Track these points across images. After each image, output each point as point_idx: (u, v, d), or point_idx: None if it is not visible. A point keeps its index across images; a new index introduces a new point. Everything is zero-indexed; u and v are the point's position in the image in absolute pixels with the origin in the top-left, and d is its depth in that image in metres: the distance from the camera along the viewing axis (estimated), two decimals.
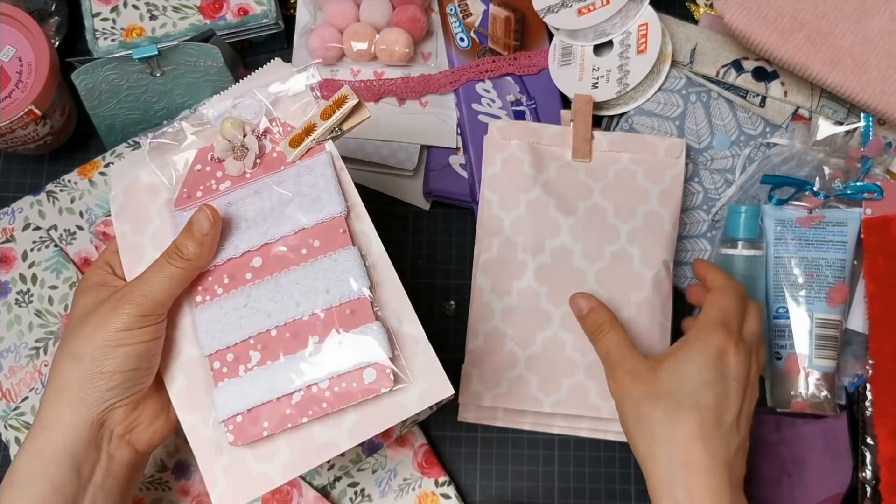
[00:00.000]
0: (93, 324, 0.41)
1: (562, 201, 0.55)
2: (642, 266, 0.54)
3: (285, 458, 0.41)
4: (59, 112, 0.58)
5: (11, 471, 0.41)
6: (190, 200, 0.45)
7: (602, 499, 0.57)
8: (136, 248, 0.45)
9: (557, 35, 0.62)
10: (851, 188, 0.56)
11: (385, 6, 0.61)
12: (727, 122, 0.60)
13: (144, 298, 0.41)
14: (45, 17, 0.62)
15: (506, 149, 0.56)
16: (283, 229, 0.43)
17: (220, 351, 0.42)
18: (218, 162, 0.45)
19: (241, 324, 0.42)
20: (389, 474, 0.55)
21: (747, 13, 0.56)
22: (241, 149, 0.44)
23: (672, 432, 0.44)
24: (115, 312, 0.41)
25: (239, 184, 0.44)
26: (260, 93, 0.44)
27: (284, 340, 0.41)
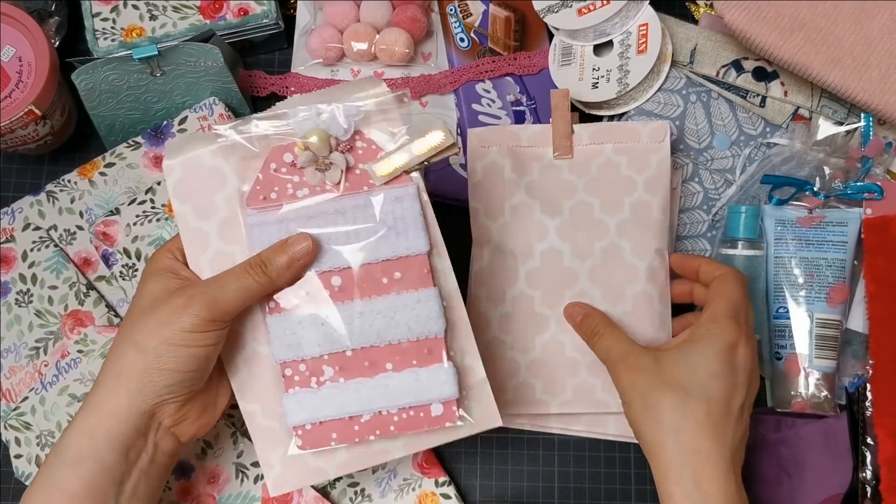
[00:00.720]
0: (160, 317, 0.41)
1: (546, 203, 0.54)
2: (634, 257, 0.54)
3: (341, 457, 0.44)
4: (59, 112, 0.58)
5: (60, 447, 0.42)
6: (266, 202, 0.43)
7: (602, 499, 0.57)
8: (200, 235, 0.44)
9: (557, 35, 0.62)
10: (851, 188, 0.56)
11: (385, 6, 0.61)
12: (727, 122, 0.60)
13: (216, 304, 0.41)
14: (45, 17, 0.62)
15: (485, 156, 0.55)
16: (367, 256, 0.43)
17: (294, 361, 0.43)
18: (296, 168, 0.43)
19: (319, 341, 0.43)
20: (389, 474, 0.55)
21: (747, 13, 0.56)
22: (325, 162, 0.43)
23: (681, 420, 0.44)
24: (185, 312, 0.41)
25: (318, 194, 0.43)
26: (349, 106, 0.42)
27: (360, 364, 0.43)
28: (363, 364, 0.43)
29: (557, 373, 0.53)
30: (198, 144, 0.44)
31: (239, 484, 0.53)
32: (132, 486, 0.42)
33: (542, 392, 0.53)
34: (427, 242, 0.43)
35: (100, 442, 0.41)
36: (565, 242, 0.54)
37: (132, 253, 0.55)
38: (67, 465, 0.41)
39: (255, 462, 0.53)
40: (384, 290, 0.43)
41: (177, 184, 0.44)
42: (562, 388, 0.53)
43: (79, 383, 0.53)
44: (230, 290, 0.42)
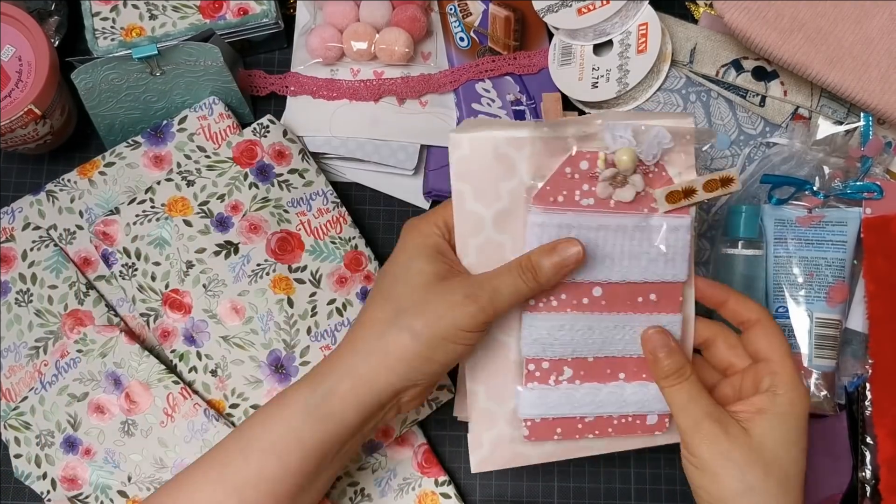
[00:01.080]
0: (437, 310, 0.41)
1: None
2: None
3: (549, 448, 0.47)
4: (59, 112, 0.58)
5: (311, 404, 0.43)
6: (552, 204, 0.44)
7: (602, 499, 0.57)
8: (474, 218, 0.44)
9: (557, 35, 0.62)
10: (851, 188, 0.56)
11: (385, 6, 0.61)
12: (727, 121, 0.60)
13: (491, 307, 0.42)
14: (44, 17, 0.62)
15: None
16: (634, 275, 0.45)
17: (539, 359, 0.46)
18: (589, 176, 0.44)
19: (568, 344, 0.45)
20: (389, 474, 0.55)
21: (747, 13, 0.56)
22: (622, 179, 0.44)
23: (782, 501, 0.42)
24: (462, 310, 0.41)
25: (601, 208, 0.44)
26: (663, 134, 0.43)
27: (599, 370, 0.46)
28: (603, 371, 0.46)
29: None
30: (494, 127, 0.44)
31: None
32: (349, 447, 0.45)
33: None
34: (687, 273, 0.46)
35: (349, 406, 0.42)
36: None
37: (132, 252, 0.55)
38: (314, 421, 0.42)
39: None
40: (639, 308, 0.46)
41: (460, 160, 0.44)
42: None
43: (78, 383, 0.53)
44: (504, 294, 0.42)
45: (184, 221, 0.55)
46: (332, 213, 0.58)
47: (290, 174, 0.58)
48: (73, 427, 0.53)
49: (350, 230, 0.58)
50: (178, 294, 0.55)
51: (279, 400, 0.44)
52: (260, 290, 0.55)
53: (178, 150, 0.58)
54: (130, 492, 0.52)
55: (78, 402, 0.53)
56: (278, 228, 0.56)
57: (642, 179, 0.44)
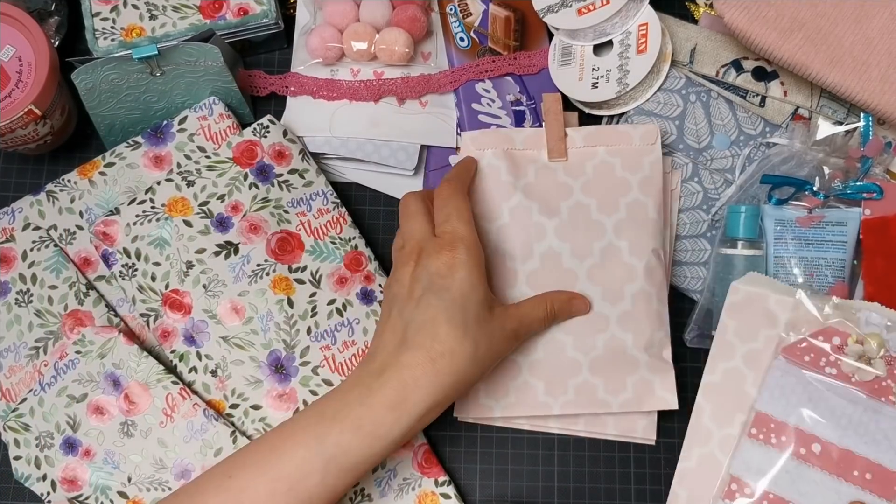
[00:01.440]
0: (499, 347, 0.48)
1: (544, 204, 0.54)
2: (632, 257, 0.54)
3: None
4: (59, 112, 0.58)
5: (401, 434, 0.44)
6: (797, 359, 0.51)
7: (602, 499, 0.57)
8: (729, 349, 0.52)
9: (557, 35, 0.62)
10: (851, 188, 0.56)
11: (385, 6, 0.61)
12: (727, 121, 0.60)
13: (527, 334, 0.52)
14: (44, 17, 0.62)
15: (481, 159, 0.55)
16: (855, 447, 0.49)
17: (745, 482, 0.50)
18: (837, 348, 0.51)
19: (773, 481, 0.50)
20: (389, 474, 0.55)
21: (747, 13, 0.56)
22: (867, 360, 0.50)
23: None
24: (510, 344, 0.49)
25: (841, 380, 0.50)
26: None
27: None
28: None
29: (559, 373, 0.54)
30: (770, 288, 0.53)
31: None
32: None
33: (544, 394, 0.54)
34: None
35: (418, 429, 0.45)
36: (564, 243, 0.54)
37: (132, 253, 0.55)
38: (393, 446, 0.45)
39: None
40: (851, 479, 0.49)
41: (733, 304, 0.53)
42: (563, 388, 0.54)
43: (77, 384, 0.53)
44: (532, 331, 0.52)
45: (184, 222, 0.55)
46: (332, 214, 0.58)
47: (290, 174, 0.58)
48: (73, 428, 0.53)
49: (350, 230, 0.58)
50: (178, 294, 0.55)
51: (359, 420, 0.44)
52: (260, 290, 0.55)
53: (178, 151, 0.58)
54: (130, 492, 0.52)
55: (77, 404, 0.53)
56: (278, 229, 0.56)
57: (885, 368, 0.50)
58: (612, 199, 0.55)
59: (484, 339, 0.46)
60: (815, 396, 0.50)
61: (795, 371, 0.51)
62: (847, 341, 0.50)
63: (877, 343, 0.50)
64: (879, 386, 0.50)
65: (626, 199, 0.55)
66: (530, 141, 0.56)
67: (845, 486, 0.49)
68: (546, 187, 0.55)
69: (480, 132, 0.55)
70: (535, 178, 0.55)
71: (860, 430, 0.49)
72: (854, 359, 0.50)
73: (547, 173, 0.55)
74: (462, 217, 0.49)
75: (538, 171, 0.55)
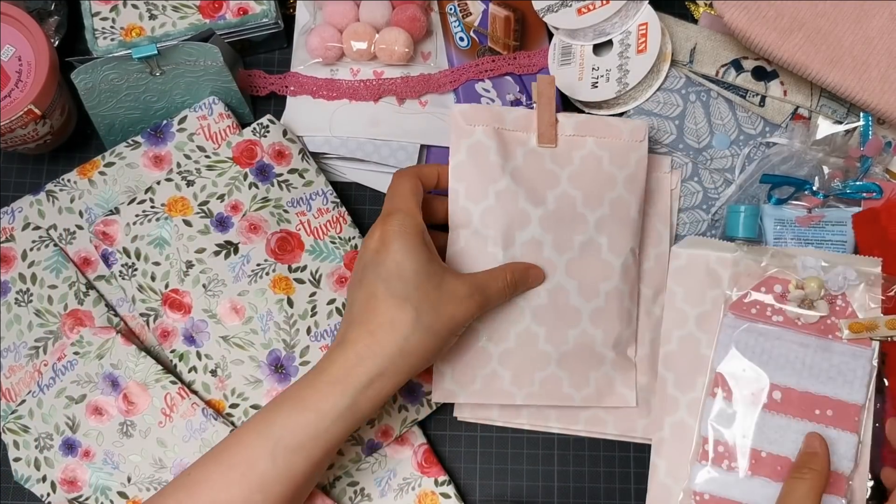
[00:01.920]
0: (450, 310, 0.47)
1: (531, 191, 0.53)
2: (610, 254, 0.54)
3: None
4: (59, 111, 0.58)
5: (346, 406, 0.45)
6: (745, 313, 0.54)
7: (602, 499, 0.57)
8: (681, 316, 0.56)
9: (557, 34, 0.62)
10: (851, 187, 0.56)
11: (385, 6, 0.61)
12: (727, 121, 0.60)
13: (483, 308, 0.49)
14: (44, 17, 0.62)
15: (471, 135, 0.52)
16: (813, 387, 0.52)
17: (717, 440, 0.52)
18: (780, 296, 0.53)
19: (743, 433, 0.52)
20: (389, 474, 0.55)
21: (747, 12, 0.56)
22: (809, 303, 0.53)
23: None
24: (468, 308, 0.47)
25: (789, 325, 0.53)
26: (849, 272, 0.52)
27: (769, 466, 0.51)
28: (773, 468, 0.51)
29: (527, 364, 0.53)
30: (709, 248, 0.55)
31: None
32: None
33: (509, 384, 0.53)
34: (865, 398, 0.52)
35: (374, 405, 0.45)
36: (547, 234, 0.53)
37: (132, 252, 0.55)
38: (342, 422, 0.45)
39: None
40: (814, 419, 0.52)
41: (677, 269, 0.56)
42: (530, 380, 0.53)
43: (76, 385, 0.53)
44: (494, 301, 0.50)
45: (184, 221, 0.55)
46: (331, 213, 0.58)
47: (289, 174, 0.57)
48: (72, 429, 0.53)
49: (350, 230, 0.58)
50: (177, 294, 0.54)
51: (303, 401, 0.45)
52: (260, 290, 0.55)
53: (177, 150, 0.58)
54: (130, 493, 0.52)
55: (76, 405, 0.53)
56: (278, 228, 0.56)
57: (828, 307, 0.53)
58: (597, 193, 0.54)
59: (428, 306, 0.46)
60: (768, 346, 0.53)
61: (745, 325, 0.53)
62: (788, 288, 0.53)
63: (816, 285, 0.52)
64: (825, 325, 0.53)
65: (611, 195, 0.54)
66: (520, 122, 0.54)
67: (810, 426, 0.51)
68: (534, 173, 0.53)
69: (470, 106, 0.53)
70: (523, 162, 0.53)
71: (815, 371, 0.52)
72: (797, 304, 0.53)
73: (535, 158, 0.53)
74: (399, 192, 0.49)
75: (526, 154, 0.53)
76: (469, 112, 0.53)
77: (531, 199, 0.53)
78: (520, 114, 0.54)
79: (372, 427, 0.55)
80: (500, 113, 0.53)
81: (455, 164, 0.52)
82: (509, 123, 0.53)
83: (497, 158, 0.52)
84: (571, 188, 0.54)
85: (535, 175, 0.53)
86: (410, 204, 0.49)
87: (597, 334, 0.54)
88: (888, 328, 0.52)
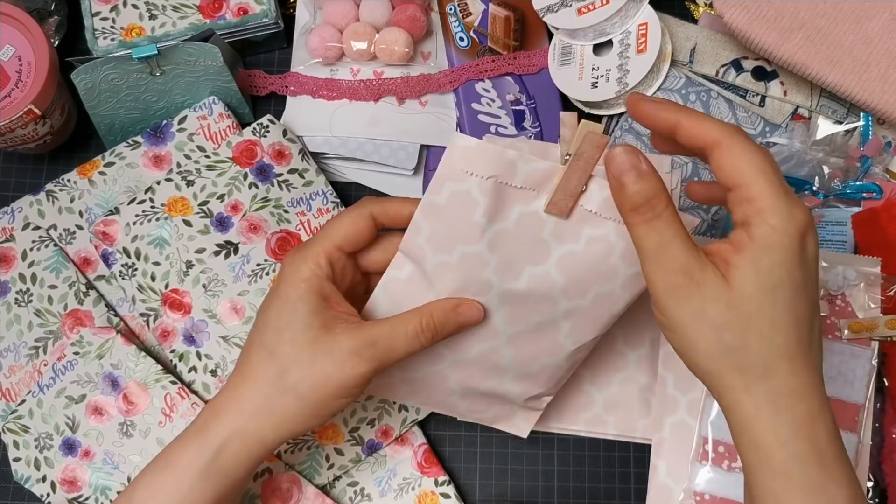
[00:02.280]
0: (326, 370, 0.40)
1: (506, 263, 0.42)
2: (567, 340, 0.45)
3: None
4: (59, 111, 0.58)
5: (205, 464, 0.41)
6: None
7: (602, 499, 0.57)
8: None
9: (557, 34, 0.62)
10: (851, 188, 0.56)
11: (385, 6, 0.61)
12: (726, 121, 0.60)
13: (381, 365, 0.41)
14: (44, 17, 0.62)
15: (461, 181, 0.39)
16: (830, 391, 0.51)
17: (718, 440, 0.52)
18: None
19: None
20: (389, 474, 0.55)
21: (747, 12, 0.56)
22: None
23: (772, 360, 0.34)
24: (352, 370, 0.40)
25: None
26: (849, 272, 0.53)
27: None
28: None
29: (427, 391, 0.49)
30: None
31: None
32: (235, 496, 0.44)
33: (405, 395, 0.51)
34: (865, 398, 0.52)
35: (239, 464, 0.41)
36: (503, 306, 0.44)
37: (132, 252, 0.55)
38: (204, 481, 0.41)
39: None
40: None
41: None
42: (426, 398, 0.50)
43: (76, 385, 0.53)
44: (399, 353, 0.41)
45: (183, 221, 0.55)
46: (332, 213, 0.58)
47: (289, 174, 0.57)
48: (72, 429, 0.53)
49: None
50: (177, 294, 0.54)
51: (164, 461, 0.42)
52: (260, 289, 0.55)
53: (177, 150, 0.58)
54: None
55: (76, 405, 0.53)
56: (278, 228, 0.56)
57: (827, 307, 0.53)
58: (585, 285, 0.43)
59: (297, 365, 0.40)
60: None
61: None
62: None
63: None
64: (825, 325, 0.53)
65: (600, 290, 0.43)
66: (535, 178, 0.40)
67: None
68: (520, 241, 0.41)
69: (478, 144, 0.38)
70: (513, 226, 0.41)
71: None
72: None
73: (531, 223, 0.41)
74: (328, 227, 0.43)
75: (522, 218, 0.41)
76: (473, 153, 0.38)
77: (502, 272, 0.42)
78: (539, 169, 0.39)
79: (372, 427, 0.55)
80: (512, 163, 0.39)
81: (427, 203, 0.40)
82: (520, 179, 0.39)
83: (481, 220, 0.40)
84: (557, 272, 0.42)
85: (520, 244, 0.41)
86: (327, 245, 0.42)
87: (513, 389, 0.48)
88: (888, 328, 0.52)
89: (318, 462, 0.54)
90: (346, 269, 0.44)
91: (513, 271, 0.42)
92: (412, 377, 0.48)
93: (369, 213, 0.43)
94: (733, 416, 0.36)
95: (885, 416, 0.53)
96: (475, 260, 0.41)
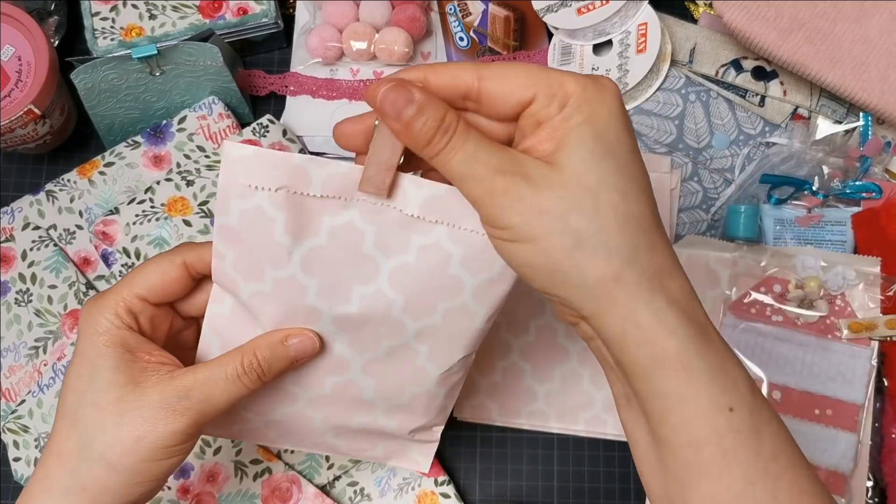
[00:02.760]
0: (136, 432, 0.35)
1: (329, 286, 0.36)
2: (430, 363, 0.40)
3: None
4: (59, 111, 0.58)
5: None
6: (745, 313, 0.54)
7: (602, 498, 0.57)
8: None
9: (557, 34, 0.62)
10: (850, 187, 0.56)
11: (384, 6, 0.61)
12: (726, 121, 0.60)
13: (201, 417, 0.36)
14: (44, 17, 0.62)
15: (248, 197, 0.34)
16: (812, 388, 0.52)
17: None
18: (779, 296, 0.54)
19: None
20: (389, 473, 0.55)
21: (746, 12, 0.56)
22: (809, 303, 0.53)
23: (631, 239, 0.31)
24: (166, 427, 0.35)
25: (788, 326, 0.54)
26: (848, 272, 0.53)
27: None
28: None
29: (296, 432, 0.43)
30: (709, 247, 0.56)
31: (238, 482, 0.53)
32: None
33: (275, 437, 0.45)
34: (864, 398, 0.52)
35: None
36: (343, 332, 0.38)
37: (132, 252, 0.55)
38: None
39: (253, 459, 0.53)
40: (814, 419, 0.52)
41: None
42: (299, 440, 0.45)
43: None
44: (220, 400, 0.36)
45: (183, 221, 0.55)
46: None
47: None
48: None
49: None
50: None
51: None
52: None
53: (177, 150, 0.58)
54: None
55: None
56: None
57: (827, 307, 0.53)
58: (428, 301, 0.37)
59: (101, 429, 0.35)
60: (767, 346, 0.53)
61: (744, 325, 0.54)
62: (788, 288, 0.54)
63: (816, 284, 0.53)
64: (825, 325, 0.53)
65: (449, 305, 0.37)
66: (335, 184, 0.34)
67: (809, 426, 0.52)
68: (339, 260, 0.36)
69: (256, 153, 0.33)
70: (328, 242, 0.35)
71: (814, 371, 0.53)
72: (797, 304, 0.54)
73: (347, 237, 0.35)
74: (134, 274, 0.37)
75: (336, 231, 0.35)
76: (252, 163, 0.33)
77: (328, 296, 0.37)
78: (338, 172, 0.34)
79: None
80: (303, 168, 0.33)
81: (220, 226, 0.35)
82: (317, 187, 0.34)
83: (284, 239, 0.35)
84: (392, 290, 0.37)
85: (340, 262, 0.36)
86: (126, 295, 0.37)
87: (389, 423, 0.43)
88: (887, 328, 0.52)
89: (317, 462, 0.54)
90: (157, 318, 0.38)
91: (340, 294, 0.37)
92: (273, 420, 0.42)
93: (182, 262, 0.37)
94: (608, 317, 0.31)
95: (884, 416, 0.53)
96: (291, 285, 0.36)
